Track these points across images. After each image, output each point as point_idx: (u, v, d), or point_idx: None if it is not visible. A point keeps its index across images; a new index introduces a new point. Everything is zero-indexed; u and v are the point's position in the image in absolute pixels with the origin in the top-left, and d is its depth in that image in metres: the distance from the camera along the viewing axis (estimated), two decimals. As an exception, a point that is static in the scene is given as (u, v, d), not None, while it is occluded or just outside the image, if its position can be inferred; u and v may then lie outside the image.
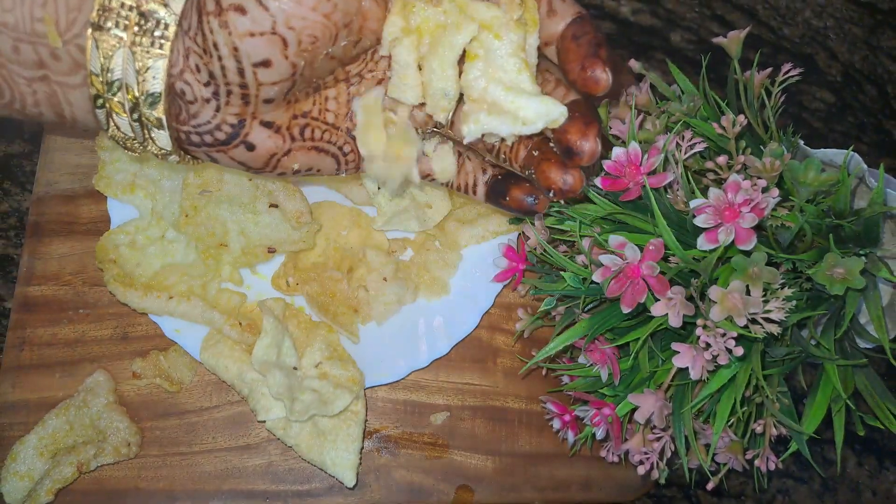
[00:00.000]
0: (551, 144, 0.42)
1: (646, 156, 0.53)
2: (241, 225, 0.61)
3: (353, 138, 0.44)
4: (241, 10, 0.35)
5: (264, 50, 0.36)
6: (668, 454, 0.55)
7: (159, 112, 0.38)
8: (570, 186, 0.41)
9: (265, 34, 0.35)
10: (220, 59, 0.36)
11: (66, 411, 0.58)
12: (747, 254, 0.47)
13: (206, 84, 0.37)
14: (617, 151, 0.54)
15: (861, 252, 0.49)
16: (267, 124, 0.40)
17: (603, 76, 0.39)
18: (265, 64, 0.36)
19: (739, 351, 0.46)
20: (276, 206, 0.60)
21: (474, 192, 0.47)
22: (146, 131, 0.39)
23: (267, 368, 0.56)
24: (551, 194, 0.42)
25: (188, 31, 0.36)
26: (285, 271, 0.62)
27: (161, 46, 0.36)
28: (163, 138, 0.40)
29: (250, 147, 0.40)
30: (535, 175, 0.43)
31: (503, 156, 0.45)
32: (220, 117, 0.39)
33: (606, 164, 0.54)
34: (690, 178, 0.51)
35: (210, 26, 0.35)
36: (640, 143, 0.55)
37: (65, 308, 0.61)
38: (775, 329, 0.46)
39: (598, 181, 0.54)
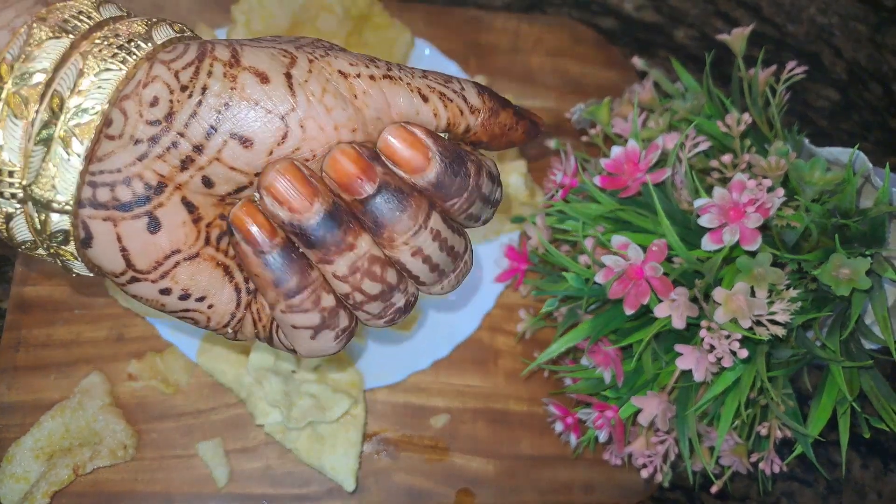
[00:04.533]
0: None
1: (644, 152, 0.52)
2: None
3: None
4: (263, 77, 0.29)
5: (257, 127, 0.28)
6: (672, 457, 0.54)
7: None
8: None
9: (271, 113, 0.28)
10: (198, 102, 0.28)
11: (62, 413, 0.57)
12: (752, 254, 0.47)
13: (152, 123, 0.28)
14: (616, 149, 0.53)
15: (867, 252, 0.48)
16: (189, 206, 0.30)
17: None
18: (245, 142, 0.29)
19: (744, 353, 0.46)
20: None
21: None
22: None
23: (263, 375, 0.56)
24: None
25: (171, 60, 0.29)
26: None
27: (123, 60, 0.28)
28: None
29: (154, 225, 0.30)
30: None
31: None
32: (137, 168, 0.29)
33: (605, 162, 0.54)
34: (695, 177, 0.51)
35: (212, 69, 0.29)
36: (643, 141, 0.55)
37: (60, 309, 0.61)
38: (780, 331, 0.46)
39: (597, 180, 0.54)
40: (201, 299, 0.32)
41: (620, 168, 0.53)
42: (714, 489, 0.53)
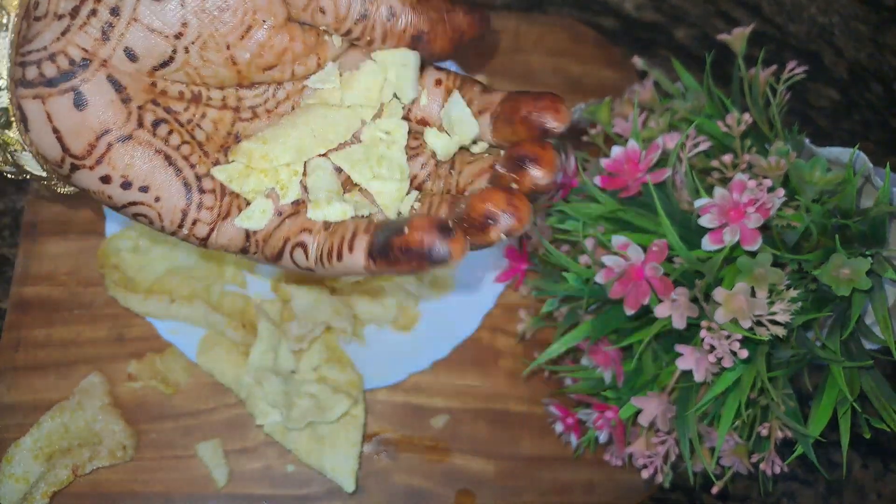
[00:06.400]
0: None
1: (644, 152, 0.52)
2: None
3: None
4: None
5: None
6: (673, 458, 0.54)
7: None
8: (513, 221, 0.33)
9: None
10: None
11: (61, 413, 0.57)
12: (753, 254, 0.47)
13: None
14: (616, 149, 0.53)
15: (867, 252, 0.48)
16: (116, 84, 0.31)
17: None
18: None
19: (744, 353, 0.46)
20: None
21: (350, 249, 0.33)
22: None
23: (263, 376, 0.55)
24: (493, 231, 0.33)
25: None
26: (286, 275, 0.61)
27: None
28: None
29: (80, 101, 0.30)
30: (469, 204, 0.34)
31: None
32: (61, 43, 0.29)
33: (605, 162, 0.53)
34: (695, 176, 0.50)
35: None
36: (643, 140, 0.54)
37: (59, 309, 0.61)
38: (781, 331, 0.45)
39: (597, 180, 0.54)
40: (145, 189, 0.32)
41: (621, 168, 0.52)
42: (715, 490, 0.53)
